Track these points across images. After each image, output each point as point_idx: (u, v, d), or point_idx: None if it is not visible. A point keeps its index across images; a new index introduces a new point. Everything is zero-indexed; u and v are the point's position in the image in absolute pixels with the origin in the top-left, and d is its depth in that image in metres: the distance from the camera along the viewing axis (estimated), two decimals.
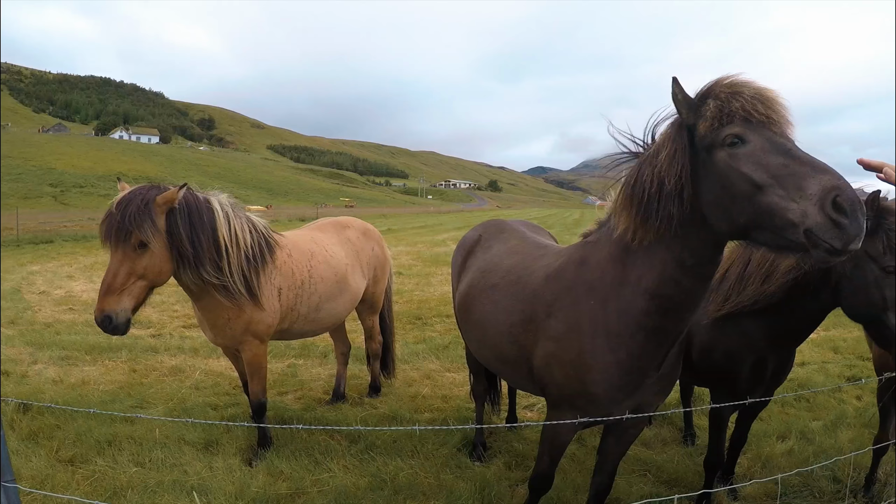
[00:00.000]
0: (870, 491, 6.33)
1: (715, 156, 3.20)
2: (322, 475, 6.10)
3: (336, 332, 8.61)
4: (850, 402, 9.32)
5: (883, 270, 4.20)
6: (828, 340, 13.04)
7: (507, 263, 5.28)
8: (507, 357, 4.90)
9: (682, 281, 3.66)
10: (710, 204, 3.31)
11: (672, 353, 4.23)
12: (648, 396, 4.32)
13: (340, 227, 7.93)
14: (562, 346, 4.21)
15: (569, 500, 5.77)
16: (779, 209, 2.92)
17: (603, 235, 4.19)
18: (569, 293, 4.23)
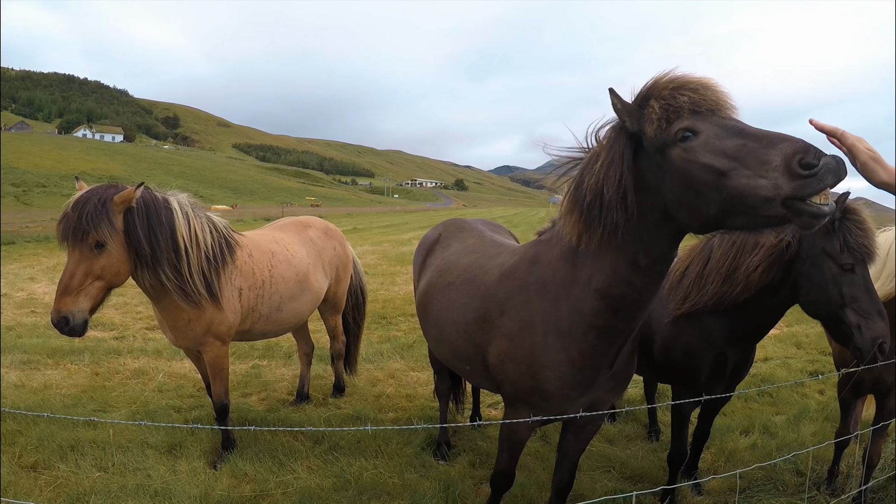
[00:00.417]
0: (832, 483, 6.42)
1: (670, 155, 3.14)
2: (286, 476, 6.08)
3: (299, 333, 8.58)
4: (812, 396, 9.42)
5: (840, 268, 4.27)
6: (791, 336, 13.20)
7: (464, 262, 5.29)
8: (464, 355, 4.93)
9: (634, 280, 3.65)
10: (676, 203, 3.24)
11: (625, 351, 4.24)
12: (602, 394, 4.34)
13: (302, 227, 7.90)
14: (515, 343, 4.23)
15: (533, 497, 5.79)
16: (749, 189, 2.85)
17: (555, 234, 4.18)
18: (521, 291, 4.25)
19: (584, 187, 3.46)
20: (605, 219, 3.40)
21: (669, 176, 3.19)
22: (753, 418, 8.22)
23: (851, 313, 4.25)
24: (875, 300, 4.29)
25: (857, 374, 5.58)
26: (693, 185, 3.07)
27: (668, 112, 3.11)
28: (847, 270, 4.27)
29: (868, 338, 4.19)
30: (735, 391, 5.47)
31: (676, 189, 3.18)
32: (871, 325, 4.20)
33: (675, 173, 3.14)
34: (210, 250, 5.97)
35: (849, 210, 4.39)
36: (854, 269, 4.28)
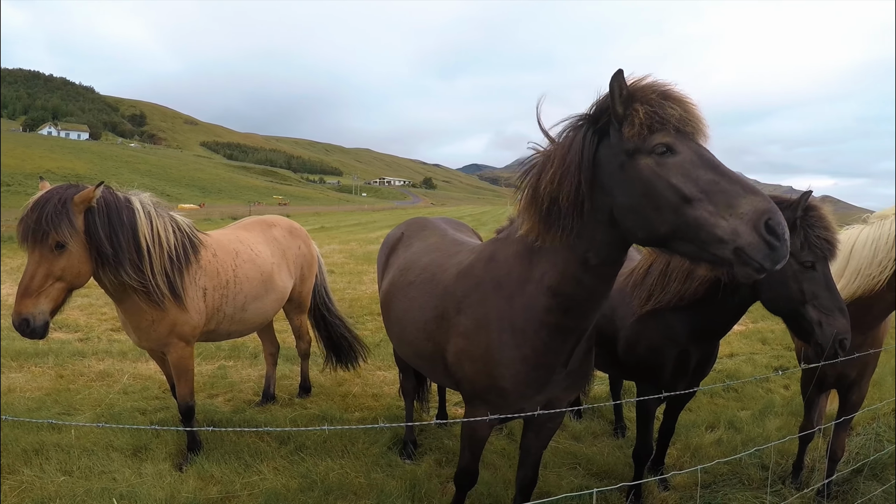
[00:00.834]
0: (797, 477, 6.50)
1: (639, 162, 3.16)
2: (252, 478, 6.06)
3: (264, 333, 8.54)
4: (777, 391, 9.53)
5: (801, 265, 4.32)
6: (756, 332, 13.33)
7: (424, 261, 5.32)
8: (424, 353, 4.95)
9: (584, 280, 3.69)
10: (627, 209, 3.26)
11: (579, 351, 4.26)
12: (558, 392, 4.36)
13: (266, 226, 7.86)
14: (471, 341, 4.26)
15: (500, 494, 5.80)
16: (707, 224, 2.93)
17: (512, 232, 4.21)
18: (477, 290, 4.27)
19: (543, 189, 3.47)
20: (562, 221, 3.46)
21: (631, 182, 3.20)
22: (719, 414, 8.30)
23: (812, 310, 4.30)
24: (836, 297, 4.34)
25: (821, 370, 5.65)
26: (653, 199, 3.11)
27: (653, 121, 3.11)
28: (808, 268, 4.33)
29: (829, 334, 4.24)
30: (699, 387, 5.51)
31: (634, 196, 3.20)
32: (831, 321, 4.26)
33: (639, 182, 3.16)
34: (173, 250, 5.93)
35: (810, 208, 4.44)
36: (815, 267, 4.33)
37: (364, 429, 7.02)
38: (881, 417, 8.61)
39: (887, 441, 7.56)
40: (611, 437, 7.60)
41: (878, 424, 8.32)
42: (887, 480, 6.48)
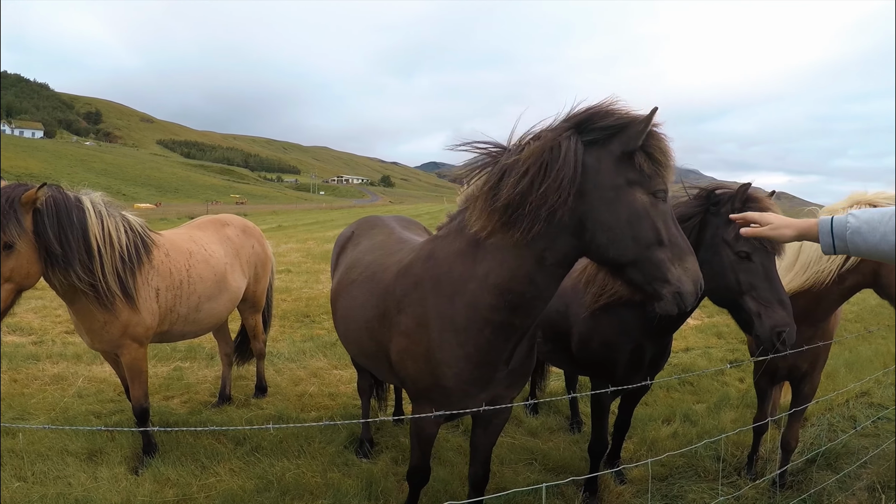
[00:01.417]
0: (752, 468, 6.59)
1: (636, 194, 3.46)
2: (209, 479, 6.02)
3: (219, 333, 8.49)
4: (732, 384, 9.65)
5: (737, 255, 4.36)
6: (711, 326, 13.47)
7: (367, 260, 5.34)
8: (369, 352, 4.98)
9: (537, 278, 3.75)
10: (606, 228, 3.48)
11: (522, 348, 4.32)
12: (501, 390, 4.39)
13: (220, 225, 7.81)
14: (412, 341, 4.27)
15: (456, 491, 5.81)
16: (664, 266, 3.44)
17: (452, 230, 4.23)
18: (417, 288, 4.27)
19: (514, 194, 3.53)
20: (527, 224, 3.53)
21: (621, 207, 3.46)
22: (675, 407, 8.39)
23: (751, 301, 4.33)
24: (775, 288, 4.36)
25: (773, 362, 5.74)
26: (636, 230, 3.44)
27: (663, 166, 3.47)
28: (744, 258, 4.36)
29: (767, 326, 4.26)
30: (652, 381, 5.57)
31: (618, 220, 3.47)
32: (770, 313, 4.28)
33: (630, 211, 3.45)
34: (125, 250, 5.88)
35: (749, 199, 4.48)
36: (750, 258, 4.36)
37: (319, 428, 7.02)
38: (835, 408, 8.76)
39: (841, 431, 7.69)
40: (567, 433, 7.65)
41: (832, 415, 8.46)
42: (841, 469, 6.58)
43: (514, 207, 3.53)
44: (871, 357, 11.42)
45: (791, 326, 4.27)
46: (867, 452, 7.02)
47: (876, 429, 8.15)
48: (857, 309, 16.33)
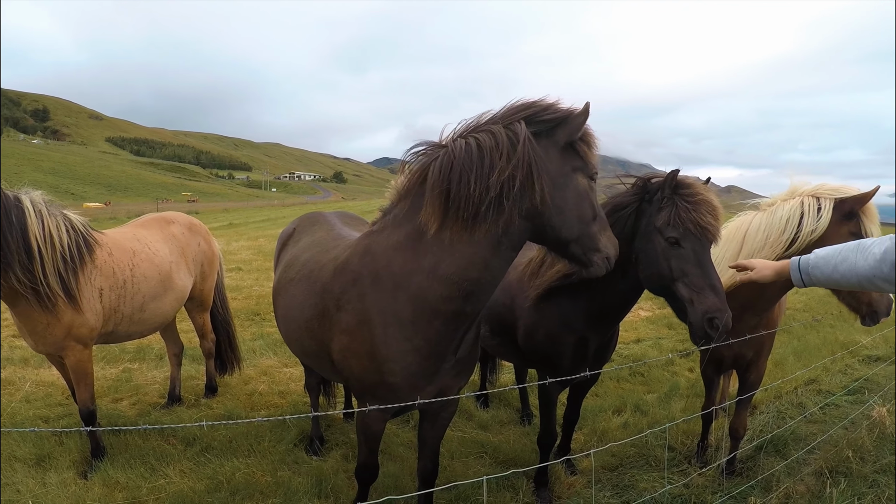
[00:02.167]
0: (702, 456, 6.66)
1: (579, 178, 3.80)
2: (159, 482, 5.97)
3: (167, 333, 8.40)
4: (683, 374, 9.75)
5: (667, 242, 4.40)
6: (662, 318, 13.60)
7: (305, 257, 5.31)
8: (310, 351, 4.96)
9: (493, 263, 3.82)
10: (559, 211, 3.76)
11: (469, 338, 4.34)
12: (448, 380, 4.39)
13: (164, 223, 7.73)
14: (355, 339, 4.23)
15: (406, 486, 5.83)
16: (596, 237, 3.87)
17: (387, 224, 4.23)
18: (355, 285, 4.24)
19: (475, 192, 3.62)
20: (487, 218, 3.67)
21: (570, 191, 3.78)
22: (625, 398, 8.46)
23: (683, 287, 4.35)
24: (707, 274, 4.37)
25: (718, 351, 5.81)
26: (580, 209, 3.80)
27: (593, 151, 3.88)
28: (673, 244, 4.39)
29: (699, 312, 4.28)
30: (592, 371, 5.60)
31: (568, 203, 3.78)
32: (702, 299, 4.29)
33: (576, 193, 3.80)
34: (66, 250, 5.82)
35: (680, 186, 4.52)
36: (680, 244, 4.39)
37: (269, 426, 7.03)
38: (784, 396, 8.87)
39: (790, 418, 7.79)
40: (518, 425, 7.67)
41: (780, 403, 8.58)
42: (789, 456, 6.67)
43: (473, 206, 3.61)
44: (819, 345, 11.58)
45: (723, 312, 4.29)
46: (815, 438, 7.14)
47: (824, 415, 8.27)
48: (805, 298, 16.59)
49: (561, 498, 6.01)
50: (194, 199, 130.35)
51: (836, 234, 5.05)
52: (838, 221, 5.07)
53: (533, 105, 3.76)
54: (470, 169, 3.60)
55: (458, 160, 3.65)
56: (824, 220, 5.09)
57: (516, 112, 3.74)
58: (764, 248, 5.32)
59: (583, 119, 3.69)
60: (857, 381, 9.68)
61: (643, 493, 5.84)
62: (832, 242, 4.94)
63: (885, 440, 7.14)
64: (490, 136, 3.64)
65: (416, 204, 3.95)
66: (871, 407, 7.94)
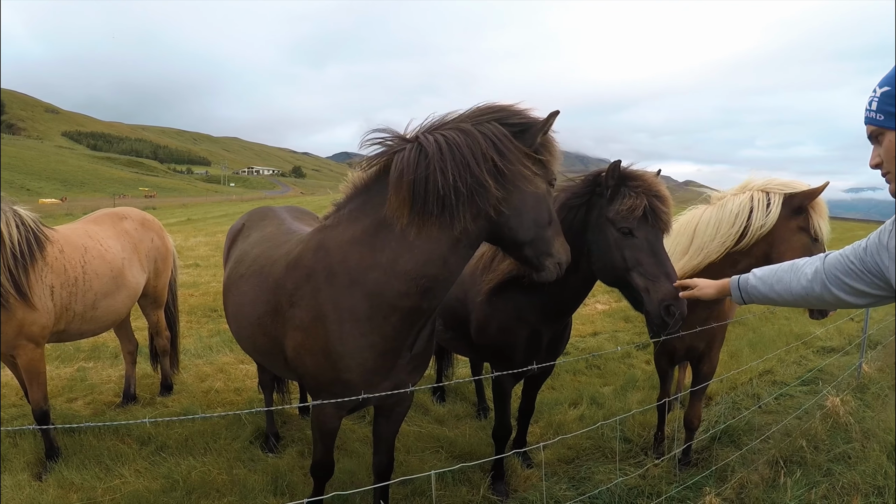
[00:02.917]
0: (658, 447, 6.74)
1: (539, 182, 3.85)
2: (114, 482, 5.92)
3: (121, 331, 8.29)
4: (639, 366, 9.84)
5: (620, 232, 4.43)
6: (619, 311, 13.75)
7: (255, 252, 5.27)
8: (262, 349, 4.93)
9: (451, 260, 3.83)
10: (517, 212, 3.81)
11: (424, 332, 4.35)
12: (404, 376, 4.39)
13: (117, 219, 7.64)
14: (309, 335, 4.21)
15: (362, 482, 5.79)
16: (550, 241, 3.93)
17: (342, 218, 4.21)
18: (309, 281, 4.22)
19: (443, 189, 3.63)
20: (456, 215, 3.69)
21: (529, 192, 3.81)
22: (582, 391, 8.53)
23: (638, 277, 4.39)
24: (661, 263, 4.43)
25: (671, 343, 5.87)
26: (538, 212, 3.86)
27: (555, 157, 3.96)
28: (626, 234, 4.42)
29: (655, 300, 4.33)
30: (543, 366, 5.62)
31: (526, 206, 3.82)
32: (657, 287, 4.34)
33: (534, 198, 3.84)
34: (16, 246, 5.75)
35: (631, 177, 4.56)
36: (633, 233, 4.43)
37: (224, 424, 7.00)
38: (739, 387, 8.97)
39: (745, 409, 7.88)
40: (474, 419, 7.72)
41: (735, 394, 8.68)
42: (744, 446, 6.76)
43: (446, 196, 3.62)
44: (774, 337, 11.74)
45: (678, 299, 4.34)
46: (769, 429, 7.23)
47: (779, 405, 8.39)
48: None
49: (517, 491, 6.03)
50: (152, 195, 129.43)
51: (784, 229, 5.16)
52: (787, 216, 5.16)
53: (504, 109, 3.83)
54: (444, 163, 3.60)
55: (432, 154, 3.64)
56: (773, 214, 5.17)
57: (486, 113, 3.79)
58: (714, 241, 5.41)
59: (547, 128, 3.79)
60: (812, 371, 9.83)
61: (599, 485, 5.87)
62: (781, 237, 5.04)
63: (838, 429, 7.23)
64: (463, 134, 3.66)
65: (374, 198, 3.96)
66: (824, 397, 8.04)
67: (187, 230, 35.44)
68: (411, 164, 3.68)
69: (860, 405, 7.96)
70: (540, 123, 3.77)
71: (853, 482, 6.00)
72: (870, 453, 6.48)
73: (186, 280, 16.77)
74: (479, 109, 3.82)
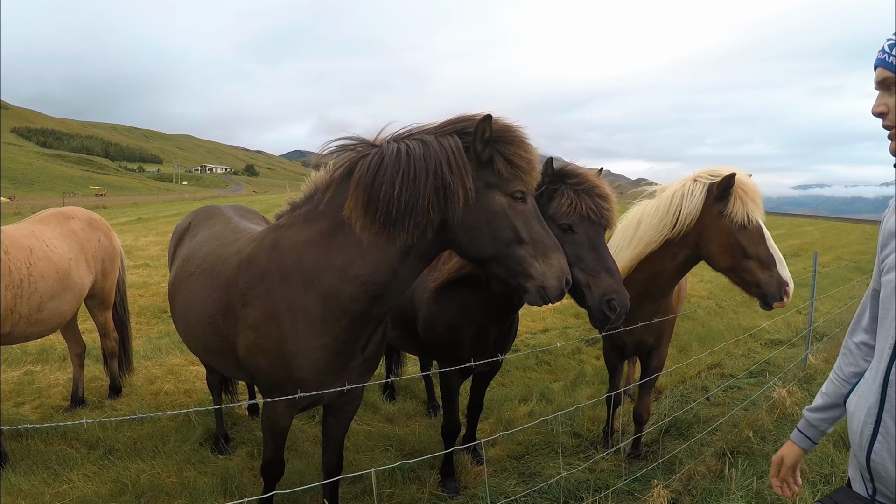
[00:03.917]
0: (609, 441, 6.80)
1: (494, 196, 3.72)
2: (62, 487, 5.84)
3: (68, 333, 8.16)
4: (589, 362, 9.92)
5: (560, 228, 4.48)
6: (569, 307, 13.79)
7: (204, 251, 5.25)
8: (213, 348, 4.91)
9: (400, 271, 3.86)
10: (466, 228, 3.74)
11: (376, 336, 4.37)
12: (355, 377, 4.40)
13: (63, 219, 7.54)
14: (262, 334, 4.22)
15: (312, 481, 5.76)
16: (526, 262, 3.72)
17: (298, 218, 4.22)
18: (263, 280, 4.23)
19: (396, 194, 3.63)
20: (410, 223, 3.68)
21: (480, 208, 3.71)
22: (532, 387, 8.59)
23: (579, 272, 4.43)
24: (602, 258, 4.52)
25: (620, 337, 5.97)
26: (495, 230, 3.72)
27: (521, 169, 3.73)
28: (566, 231, 4.50)
29: (596, 295, 4.40)
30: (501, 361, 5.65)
31: (478, 220, 3.72)
32: (598, 282, 4.42)
33: (488, 212, 3.72)
34: None
35: (570, 175, 4.66)
36: (574, 229, 4.50)
37: (174, 426, 6.98)
38: (688, 380, 9.09)
39: (694, 402, 7.97)
40: (424, 417, 7.77)
41: (684, 387, 8.79)
42: (692, 438, 6.84)
43: (394, 206, 3.63)
44: (723, 331, 11.93)
45: (620, 293, 4.39)
46: (717, 420, 7.33)
47: (727, 397, 8.53)
48: (710, 287, 17.13)
49: (468, 488, 6.08)
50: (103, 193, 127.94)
51: (708, 215, 5.32)
52: (711, 203, 5.29)
53: (465, 119, 3.80)
54: (396, 173, 3.62)
55: (388, 162, 3.67)
56: (696, 200, 5.34)
57: (451, 124, 3.79)
58: (652, 230, 5.56)
59: (482, 135, 3.62)
60: (759, 363, 9.97)
61: (548, 480, 5.92)
62: (706, 223, 5.25)
63: (785, 419, 7.36)
64: (421, 145, 3.67)
65: (334, 200, 3.97)
66: (771, 388, 8.18)
67: (138, 229, 35.08)
68: (371, 170, 3.71)
69: (806, 395, 8.11)
70: (475, 124, 3.63)
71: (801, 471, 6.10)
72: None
73: (136, 280, 16.60)
74: (448, 120, 3.83)
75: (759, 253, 5.15)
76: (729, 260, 5.29)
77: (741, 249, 5.19)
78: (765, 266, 5.13)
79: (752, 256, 5.17)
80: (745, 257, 5.20)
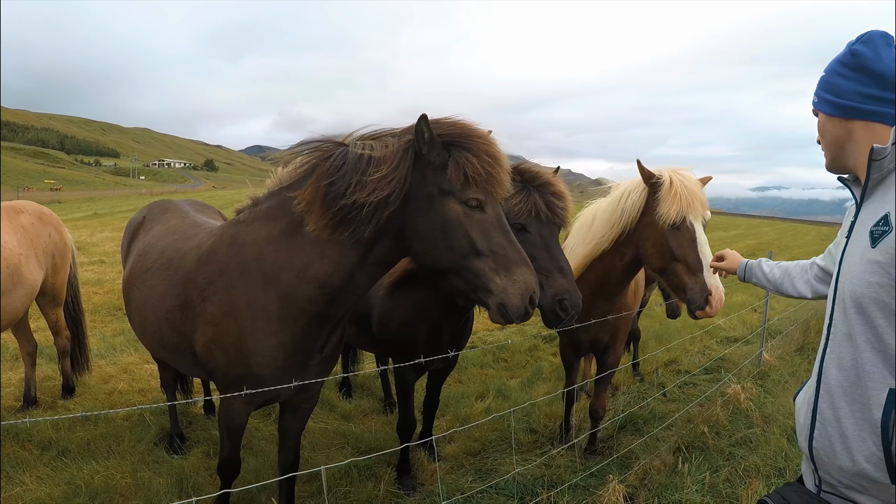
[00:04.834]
0: (565, 437, 6.87)
1: (449, 203, 3.59)
2: (15, 490, 5.77)
3: (19, 331, 8.04)
4: (546, 359, 10.00)
5: (513, 228, 4.50)
6: None
7: (161, 245, 5.19)
8: (170, 344, 4.85)
9: (357, 276, 3.87)
10: (422, 236, 3.67)
11: (335, 337, 4.37)
12: (312, 376, 4.39)
13: (13, 213, 7.39)
14: (220, 330, 4.19)
15: (267, 479, 5.76)
16: (485, 276, 3.57)
17: (258, 215, 4.20)
18: (222, 276, 4.20)
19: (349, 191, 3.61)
20: (361, 224, 3.65)
21: (435, 216, 3.62)
22: (489, 384, 8.63)
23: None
24: (555, 257, 4.56)
25: (575, 335, 6.02)
26: (449, 240, 3.60)
27: (475, 175, 3.55)
28: (519, 230, 4.53)
29: (548, 294, 4.43)
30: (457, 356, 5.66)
31: (433, 229, 3.64)
32: (551, 282, 4.45)
33: (442, 220, 3.61)
34: None
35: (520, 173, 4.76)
36: (527, 229, 4.55)
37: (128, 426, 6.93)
38: (645, 376, 9.17)
39: (650, 398, 8.03)
40: (381, 415, 7.77)
41: (641, 383, 8.86)
42: (648, 433, 6.90)
43: (347, 208, 3.61)
44: (680, 328, 12.05)
45: (572, 293, 4.42)
46: (672, 416, 7.39)
47: (682, 393, 8.62)
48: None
49: (424, 485, 6.09)
50: (58, 188, 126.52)
51: (648, 214, 5.33)
52: (652, 202, 5.30)
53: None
54: (352, 173, 3.61)
55: (348, 163, 3.66)
56: (634, 199, 5.41)
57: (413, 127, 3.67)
58: (605, 225, 5.61)
59: (419, 129, 3.52)
60: (714, 360, 10.08)
61: (504, 476, 5.94)
62: (645, 221, 5.32)
63: (739, 415, 7.45)
64: (381, 146, 3.64)
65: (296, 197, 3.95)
66: (726, 384, 8.27)
67: (93, 225, 34.67)
68: (333, 169, 3.71)
69: (761, 392, 8.22)
70: (416, 134, 3.56)
71: (754, 465, 6.20)
72: (770, 437, 6.70)
73: (90, 277, 16.42)
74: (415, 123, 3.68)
75: (688, 256, 5.07)
76: (659, 261, 5.28)
77: (669, 251, 5.15)
78: (691, 270, 5.04)
79: (679, 259, 5.10)
80: (673, 259, 5.15)
